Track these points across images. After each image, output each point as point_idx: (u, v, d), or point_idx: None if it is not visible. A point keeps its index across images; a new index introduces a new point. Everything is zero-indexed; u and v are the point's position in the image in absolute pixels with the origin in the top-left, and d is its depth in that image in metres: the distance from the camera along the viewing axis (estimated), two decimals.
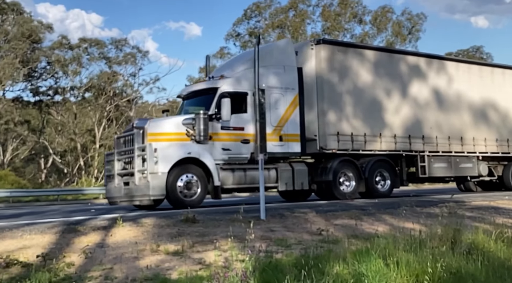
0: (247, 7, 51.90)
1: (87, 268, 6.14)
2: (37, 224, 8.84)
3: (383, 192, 15.63)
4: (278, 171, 13.69)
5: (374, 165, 15.53)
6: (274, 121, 13.72)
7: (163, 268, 6.13)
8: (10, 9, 42.10)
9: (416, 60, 17.70)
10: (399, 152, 16.27)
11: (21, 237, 7.57)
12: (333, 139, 14.83)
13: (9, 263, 6.12)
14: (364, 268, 5.25)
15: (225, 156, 12.96)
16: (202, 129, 12.29)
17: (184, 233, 8.01)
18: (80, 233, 7.97)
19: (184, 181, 12.28)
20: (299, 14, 50.94)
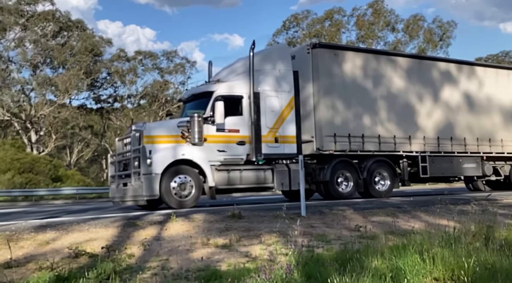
0: (286, 19, 52.02)
1: (146, 259, 6.27)
2: (101, 219, 9.08)
3: (382, 192, 14.87)
4: (274, 171, 13.16)
5: (373, 165, 14.83)
6: (270, 123, 13.18)
7: (213, 260, 6.19)
8: (75, 26, 43.59)
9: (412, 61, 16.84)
10: (399, 152, 15.45)
11: (88, 230, 7.79)
12: (330, 141, 14.18)
13: (78, 253, 6.31)
14: (401, 262, 5.15)
15: (220, 157, 12.53)
16: (196, 131, 11.95)
17: (231, 228, 8.06)
18: (138, 227, 8.14)
19: (178, 182, 11.87)
20: (335, 24, 50.52)
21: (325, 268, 4.96)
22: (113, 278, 4.99)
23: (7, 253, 6.40)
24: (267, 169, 13.03)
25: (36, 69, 42.01)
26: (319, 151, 14.01)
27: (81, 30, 44.07)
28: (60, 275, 5.31)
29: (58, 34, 42.81)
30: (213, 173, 12.23)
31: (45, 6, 41.63)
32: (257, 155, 12.67)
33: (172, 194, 11.72)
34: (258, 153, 12.68)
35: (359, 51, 16.40)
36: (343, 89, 14.72)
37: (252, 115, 12.69)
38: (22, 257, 6.22)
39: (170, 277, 5.40)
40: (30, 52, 41.05)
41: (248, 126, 12.79)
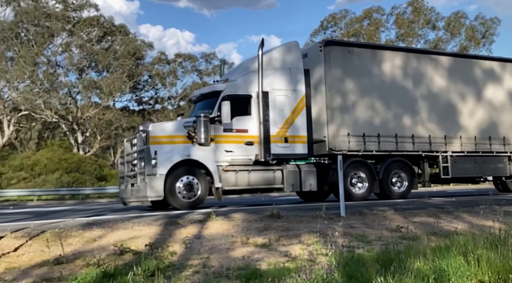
0: (324, 19, 51.55)
1: (187, 257, 6.35)
2: (144, 217, 9.26)
3: (400, 193, 14.14)
4: (284, 172, 12.76)
5: (390, 165, 14.12)
6: (279, 123, 12.83)
7: (253, 259, 6.20)
8: (118, 31, 44.72)
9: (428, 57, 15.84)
10: (418, 152, 14.60)
11: (132, 228, 7.96)
12: (343, 141, 13.52)
13: (123, 251, 6.46)
14: (445, 264, 5.00)
15: (228, 157, 12.23)
16: (203, 131, 11.69)
17: (270, 228, 8.06)
18: (179, 225, 8.25)
19: (184, 183, 11.63)
20: (373, 23, 49.70)
21: (366, 269, 4.88)
22: (157, 275, 5.08)
23: (56, 249, 6.64)
24: (276, 169, 12.68)
25: (82, 73, 43.40)
26: (331, 151, 13.36)
27: (124, 34, 45.17)
28: (107, 271, 5.45)
29: (102, 39, 44.06)
30: (220, 174, 11.97)
31: (90, 12, 42.96)
32: (266, 155, 12.36)
33: (177, 194, 11.51)
34: (267, 153, 12.36)
35: (374, 48, 15.67)
36: (357, 87, 14.06)
37: (261, 115, 12.40)
38: (70, 254, 6.42)
39: (211, 275, 5.45)
40: (76, 57, 42.43)
41: (256, 126, 12.50)
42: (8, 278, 5.53)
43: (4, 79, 38.65)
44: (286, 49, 13.72)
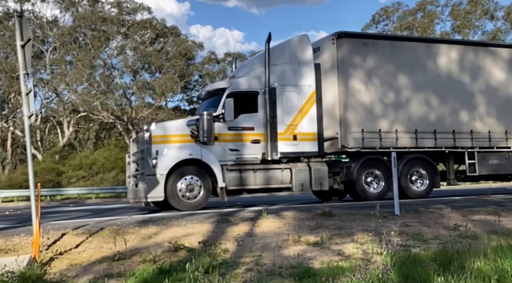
0: (375, 13, 50.40)
1: (240, 255, 6.40)
2: (196, 214, 9.43)
3: (420, 193, 13.27)
4: (292, 171, 12.19)
5: (409, 163, 13.22)
6: (287, 120, 12.31)
7: (306, 257, 6.16)
8: (170, 32, 45.77)
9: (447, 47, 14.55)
10: (441, 148, 13.58)
11: (185, 226, 8.12)
12: (356, 137, 12.82)
13: (177, 247, 6.61)
14: (508, 264, 4.76)
15: (233, 156, 11.83)
16: (206, 130, 11.31)
17: (322, 226, 7.98)
18: (231, 223, 8.34)
19: (186, 183, 11.28)
20: (428, 15, 48.06)
21: (424, 268, 4.73)
22: (211, 272, 5.15)
23: (114, 246, 6.87)
24: (284, 168, 12.14)
25: (136, 75, 44.80)
26: (344, 149, 12.81)
27: (175, 35, 46.16)
28: (162, 268, 5.59)
29: (155, 41, 45.24)
30: (224, 173, 11.56)
31: (143, 15, 44.21)
32: (273, 153, 11.94)
33: (178, 195, 11.20)
34: (273, 152, 11.94)
35: (391, 39, 14.63)
36: (372, 80, 13.30)
37: (268, 112, 11.95)
38: (128, 250, 6.62)
39: (264, 273, 5.47)
40: (130, 59, 43.82)
41: (263, 123, 12.06)
42: (71, 274, 5.78)
43: (64, 82, 40.51)
44: (295, 43, 13.12)
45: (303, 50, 12.91)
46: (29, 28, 7.40)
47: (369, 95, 13.17)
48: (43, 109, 43.30)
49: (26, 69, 7.12)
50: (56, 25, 43.23)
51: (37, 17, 41.82)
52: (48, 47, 42.39)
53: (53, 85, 41.06)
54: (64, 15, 43.62)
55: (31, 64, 7.35)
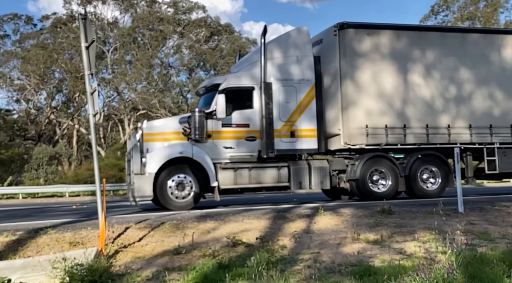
0: (434, 3, 48.50)
1: (298, 251, 6.38)
2: (253, 210, 9.49)
3: (431, 192, 12.29)
4: (290, 169, 11.65)
5: (418, 160, 12.33)
6: (284, 116, 11.73)
7: (365, 255, 6.05)
8: (224, 30, 46.40)
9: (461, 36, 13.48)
10: (455, 144, 12.38)
11: (242, 221, 8.21)
12: (360, 133, 12.03)
13: (235, 243, 6.68)
14: None
15: (227, 154, 11.38)
16: (197, 127, 10.91)
17: (381, 224, 7.82)
18: (288, 219, 8.33)
19: (176, 182, 10.92)
20: (491, 4, 45.69)
21: (491, 269, 4.52)
22: (270, 268, 5.16)
23: (175, 240, 7.07)
24: (281, 166, 11.62)
25: (192, 73, 45.77)
26: (347, 145, 12.10)
27: (229, 33, 46.71)
28: (222, 263, 5.68)
29: (209, 39, 46.00)
30: (217, 172, 11.17)
31: (198, 14, 45.08)
32: (268, 151, 11.42)
33: (168, 194, 10.86)
34: (269, 149, 11.42)
35: (397, 29, 13.24)
36: (378, 73, 12.45)
37: (263, 108, 11.44)
38: (188, 244, 6.78)
39: (323, 270, 5.42)
40: (186, 57, 44.83)
41: (259, 120, 11.56)
42: (135, 267, 5.99)
43: (124, 82, 42.08)
44: (293, 36, 12.53)
45: (302, 43, 12.28)
46: (93, 30, 7.69)
47: (374, 89, 12.38)
48: (106, 107, 45.19)
49: (90, 70, 7.41)
50: (116, 26, 44.94)
51: (98, 19, 43.64)
52: (109, 47, 44.14)
53: (114, 84, 42.76)
54: (123, 16, 45.30)
55: (95, 64, 7.64)
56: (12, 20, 45.23)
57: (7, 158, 36.98)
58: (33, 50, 41.37)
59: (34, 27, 45.90)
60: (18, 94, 43.90)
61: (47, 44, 43.22)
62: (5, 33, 45.16)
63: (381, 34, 12.75)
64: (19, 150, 40.32)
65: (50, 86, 43.27)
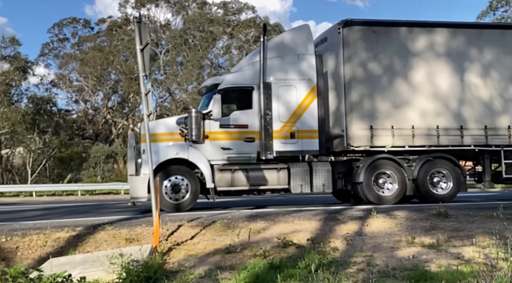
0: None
1: (350, 254, 6.28)
2: (303, 211, 9.43)
3: (442, 196, 11.51)
4: (290, 171, 11.32)
5: (428, 163, 11.72)
6: (284, 116, 11.38)
7: (421, 260, 5.88)
8: (273, 30, 46.38)
9: None
10: (469, 146, 11.86)
11: (292, 222, 8.18)
12: (364, 135, 11.56)
13: (286, 243, 6.67)
14: None
15: (225, 155, 11.14)
16: (194, 128, 10.66)
17: (437, 227, 7.57)
18: (339, 221, 8.22)
19: (171, 183, 10.76)
20: None
21: None
22: (321, 270, 5.11)
23: (226, 239, 7.14)
24: (281, 168, 11.31)
25: None
26: (350, 147, 11.63)
27: (278, 32, 46.54)
28: (273, 263, 5.68)
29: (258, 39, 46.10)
30: (214, 173, 10.94)
31: (247, 14, 45.34)
32: (267, 152, 11.10)
33: (163, 195, 10.64)
34: (267, 151, 11.09)
35: (407, 26, 12.49)
36: (383, 72, 11.93)
37: (262, 108, 11.12)
38: (238, 244, 6.83)
39: (377, 274, 5.30)
40: (235, 58, 45.19)
41: (258, 121, 11.25)
42: (188, 264, 6.11)
43: (176, 82, 43.01)
44: (294, 34, 12.17)
45: (303, 41, 11.85)
46: (147, 33, 7.90)
47: (379, 88, 11.87)
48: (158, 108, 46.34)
49: (145, 72, 7.62)
50: (168, 28, 45.98)
51: (151, 21, 44.83)
52: (161, 49, 45.25)
53: (166, 85, 43.80)
54: (175, 18, 46.27)
55: (149, 66, 7.84)
56: (71, 24, 47.24)
57: (67, 156, 38.64)
58: (91, 53, 43.05)
59: (91, 30, 47.74)
60: (76, 95, 45.82)
61: (104, 46, 44.83)
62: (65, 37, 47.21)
63: (387, 31, 12.20)
64: (78, 149, 42.01)
65: (106, 87, 44.89)
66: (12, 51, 42.57)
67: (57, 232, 7.48)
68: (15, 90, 41.03)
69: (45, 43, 46.66)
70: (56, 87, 45.64)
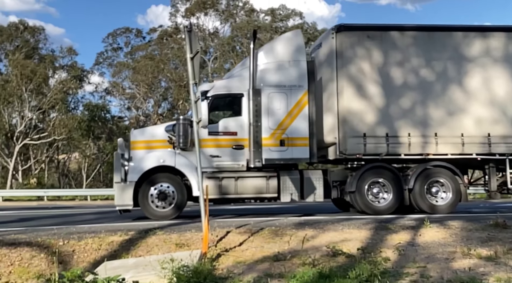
0: None
1: (402, 265, 6.12)
2: (352, 220, 9.28)
3: (441, 208, 11.16)
4: (280, 179, 11.04)
5: (425, 172, 11.27)
6: (273, 124, 11.10)
7: (478, 272, 5.64)
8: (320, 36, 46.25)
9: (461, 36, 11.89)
10: (471, 155, 11.27)
11: (342, 231, 8.05)
12: (357, 142, 11.18)
13: (335, 253, 6.58)
14: None
15: (213, 163, 10.96)
16: (182, 135, 10.57)
17: (495, 238, 7.27)
18: (390, 230, 8.02)
19: (157, 191, 10.66)
20: None
21: None
22: (372, 281, 5.00)
23: (274, 246, 7.13)
24: (270, 176, 11.08)
25: None
26: (343, 155, 11.26)
27: None
28: (322, 272, 5.60)
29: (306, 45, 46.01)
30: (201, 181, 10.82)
31: (295, 21, 45.34)
32: (255, 160, 10.81)
33: (149, 203, 10.63)
34: (256, 158, 10.81)
35: (402, 30, 12.01)
36: (378, 78, 11.51)
37: (251, 115, 10.89)
38: (287, 251, 6.80)
39: None
40: None
41: (247, 128, 11.02)
42: (236, 271, 6.14)
43: None
44: (285, 41, 11.91)
45: (294, 47, 11.58)
46: (197, 42, 8.05)
47: (374, 94, 11.46)
48: None
49: (194, 79, 7.77)
50: (217, 36, 46.73)
51: (200, 29, 45.73)
52: (209, 57, 46.04)
53: None
54: (223, 26, 46.94)
55: (198, 74, 7.98)
56: (124, 34, 48.97)
57: None
58: (142, 61, 44.41)
59: (143, 39, 49.29)
60: (129, 102, 47.31)
61: (155, 55, 46.14)
62: (118, 46, 48.98)
63: (383, 36, 11.80)
64: None
65: (157, 95, 46.11)
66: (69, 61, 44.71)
67: (111, 235, 7.71)
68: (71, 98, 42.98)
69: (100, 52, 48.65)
70: (109, 94, 47.44)
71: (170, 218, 10.46)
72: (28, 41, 43.03)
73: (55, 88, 39.18)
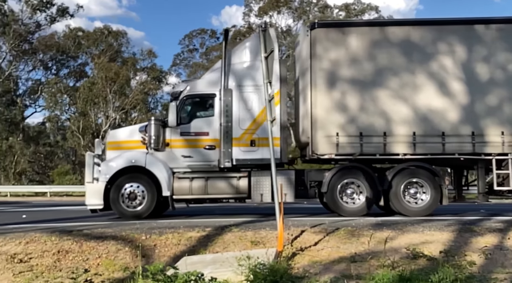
0: None
1: (489, 269, 5.80)
2: (434, 221, 8.88)
3: (417, 210, 10.65)
4: (251, 179, 10.83)
5: (401, 173, 10.76)
6: (244, 124, 10.95)
7: None
8: None
9: None
10: (453, 155, 10.69)
11: (422, 232, 7.74)
12: (329, 142, 10.82)
13: (416, 255, 6.36)
14: None
15: (185, 163, 10.93)
16: (153, 136, 10.65)
17: None
18: (475, 233, 7.62)
19: (128, 191, 10.65)
20: None
21: None
22: None
23: (350, 247, 7.01)
24: (241, 176, 10.92)
25: None
26: (315, 155, 10.96)
27: None
28: (403, 275, 5.42)
29: None
30: (171, 181, 10.78)
31: (370, 15, 44.27)
32: (225, 160, 10.78)
33: (120, 203, 10.63)
34: (226, 159, 10.78)
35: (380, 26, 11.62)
36: (353, 76, 11.04)
37: (222, 116, 10.90)
38: (364, 253, 6.65)
39: None
40: None
41: (219, 128, 10.98)
42: (312, 271, 6.10)
43: None
44: (257, 40, 11.14)
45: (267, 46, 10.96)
46: (272, 41, 8.10)
47: (349, 93, 11.05)
48: None
49: (268, 78, 7.82)
50: (289, 34, 46.74)
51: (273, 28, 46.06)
52: (281, 55, 46.17)
53: None
54: (296, 23, 46.85)
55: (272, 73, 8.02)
56: (199, 35, 50.54)
57: None
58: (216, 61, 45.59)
59: (217, 40, 50.52)
60: None
61: None
62: (194, 47, 50.64)
63: (358, 32, 11.37)
64: None
65: None
66: (149, 63, 46.85)
67: (189, 231, 7.97)
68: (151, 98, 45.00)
69: (177, 54, 50.61)
70: None
71: (142, 217, 10.58)
72: (111, 45, 45.68)
73: (136, 89, 41.28)
